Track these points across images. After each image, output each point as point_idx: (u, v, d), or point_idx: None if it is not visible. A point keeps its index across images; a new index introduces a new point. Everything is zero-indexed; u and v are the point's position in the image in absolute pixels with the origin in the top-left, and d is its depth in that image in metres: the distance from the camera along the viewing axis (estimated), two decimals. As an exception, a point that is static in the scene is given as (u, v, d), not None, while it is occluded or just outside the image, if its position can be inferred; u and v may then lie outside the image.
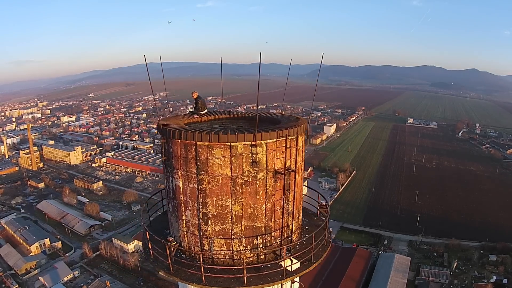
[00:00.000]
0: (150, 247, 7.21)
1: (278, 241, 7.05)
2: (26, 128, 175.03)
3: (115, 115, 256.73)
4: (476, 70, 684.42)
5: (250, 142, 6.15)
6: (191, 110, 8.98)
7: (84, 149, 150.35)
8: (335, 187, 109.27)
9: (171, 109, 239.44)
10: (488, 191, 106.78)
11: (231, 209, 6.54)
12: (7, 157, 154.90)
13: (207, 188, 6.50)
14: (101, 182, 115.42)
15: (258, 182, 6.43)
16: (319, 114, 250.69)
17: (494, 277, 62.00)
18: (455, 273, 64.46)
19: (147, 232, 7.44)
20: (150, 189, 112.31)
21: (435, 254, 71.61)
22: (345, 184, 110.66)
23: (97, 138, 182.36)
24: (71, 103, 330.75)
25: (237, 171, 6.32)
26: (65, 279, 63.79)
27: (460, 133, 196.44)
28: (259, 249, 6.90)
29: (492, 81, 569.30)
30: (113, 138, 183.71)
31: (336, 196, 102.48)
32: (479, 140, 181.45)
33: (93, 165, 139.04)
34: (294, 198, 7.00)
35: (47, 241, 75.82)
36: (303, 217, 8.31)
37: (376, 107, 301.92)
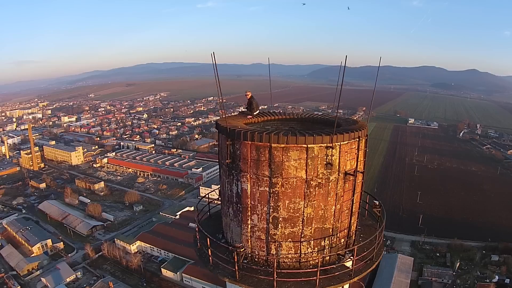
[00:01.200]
0: (210, 253, 7.06)
1: (342, 241, 7.11)
2: (27, 129, 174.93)
3: (116, 115, 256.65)
4: (476, 71, 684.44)
5: (326, 144, 6.11)
6: (243, 110, 8.78)
7: (85, 150, 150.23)
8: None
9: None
10: (489, 191, 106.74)
11: (303, 212, 6.47)
12: (8, 157, 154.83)
13: (279, 191, 6.35)
14: (102, 182, 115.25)
15: (330, 184, 6.43)
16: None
17: (497, 277, 62.22)
18: (457, 273, 64.52)
19: (207, 239, 7.17)
20: (151, 190, 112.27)
21: (438, 254, 71.70)
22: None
23: (98, 139, 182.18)
24: (71, 103, 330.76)
25: (312, 173, 6.25)
26: (68, 280, 63.64)
27: (461, 133, 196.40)
28: (325, 250, 6.88)
29: (493, 82, 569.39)
30: (114, 138, 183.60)
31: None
32: (480, 140, 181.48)
33: (94, 165, 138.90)
34: (359, 199, 7.19)
35: (49, 241, 75.62)
36: None
37: (377, 107, 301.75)
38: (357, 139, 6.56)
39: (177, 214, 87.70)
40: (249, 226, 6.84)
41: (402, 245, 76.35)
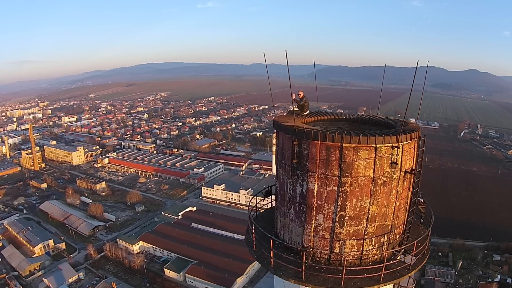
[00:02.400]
0: (272, 255, 7.05)
1: (397, 238, 7.34)
2: (27, 129, 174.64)
3: (116, 115, 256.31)
4: (476, 71, 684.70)
5: (391, 144, 6.31)
6: (295, 109, 8.65)
7: (86, 150, 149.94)
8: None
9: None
10: (490, 191, 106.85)
11: (368, 210, 6.62)
12: (8, 157, 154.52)
13: (348, 190, 6.47)
14: (104, 182, 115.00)
15: (393, 182, 6.63)
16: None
17: (499, 276, 62.49)
18: (460, 273, 64.71)
19: (271, 240, 7.14)
20: (153, 190, 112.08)
21: (440, 254, 71.78)
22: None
23: (99, 139, 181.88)
24: (72, 103, 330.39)
25: (378, 172, 6.43)
26: (70, 280, 63.42)
27: (462, 133, 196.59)
28: (384, 247, 7.04)
29: (493, 82, 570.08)
30: (115, 138, 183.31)
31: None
32: (480, 140, 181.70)
33: (95, 165, 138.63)
34: (415, 196, 7.45)
35: (51, 242, 75.36)
36: None
37: (377, 107, 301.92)
38: (416, 139, 6.87)
39: (179, 214, 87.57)
40: (313, 226, 6.89)
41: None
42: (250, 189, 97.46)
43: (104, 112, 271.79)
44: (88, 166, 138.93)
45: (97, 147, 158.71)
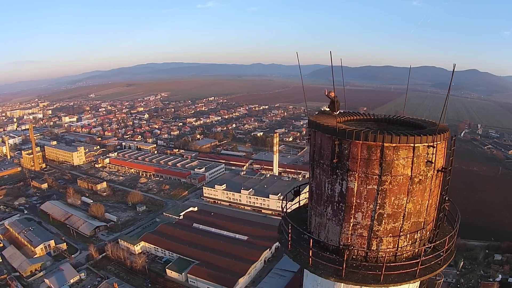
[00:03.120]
0: (310, 254, 7.24)
1: (428, 234, 7.59)
2: (28, 129, 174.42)
3: (117, 115, 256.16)
4: (476, 71, 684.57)
5: (428, 144, 6.61)
6: (326, 109, 8.76)
7: (87, 150, 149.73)
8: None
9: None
10: (491, 191, 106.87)
11: (405, 207, 6.86)
12: (9, 157, 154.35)
13: (387, 188, 6.67)
14: (105, 182, 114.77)
15: (427, 180, 6.90)
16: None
17: (500, 276, 62.63)
18: (461, 272, 64.78)
19: (311, 240, 7.33)
20: (154, 190, 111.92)
21: (441, 253, 71.88)
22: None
23: (100, 139, 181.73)
24: (72, 104, 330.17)
25: (415, 170, 6.68)
26: (72, 281, 63.16)
27: (462, 133, 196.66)
28: (416, 243, 7.32)
29: (493, 82, 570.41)
30: (116, 138, 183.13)
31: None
32: (481, 140, 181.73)
33: (96, 165, 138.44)
34: (445, 194, 7.78)
35: (52, 242, 75.09)
36: None
37: (378, 107, 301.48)
38: (448, 139, 7.21)
39: (180, 214, 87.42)
40: (351, 224, 7.05)
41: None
42: (251, 189, 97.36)
43: (104, 112, 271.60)
44: (89, 166, 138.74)
45: (98, 147, 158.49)
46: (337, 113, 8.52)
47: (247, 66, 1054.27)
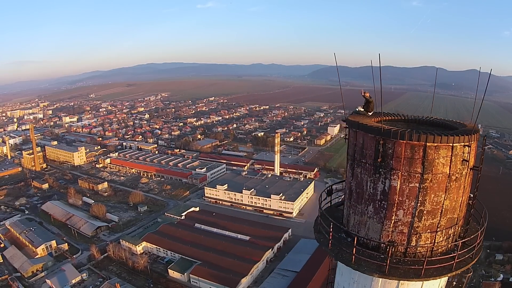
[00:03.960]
0: (354, 252, 7.49)
1: (458, 229, 7.92)
2: (28, 129, 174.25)
3: (117, 115, 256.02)
4: (476, 71, 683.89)
5: (464, 143, 6.93)
6: (360, 109, 8.93)
7: (87, 150, 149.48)
8: (341, 188, 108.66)
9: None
10: (492, 191, 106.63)
11: (443, 204, 7.20)
12: (9, 157, 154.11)
13: (428, 186, 6.98)
14: (106, 183, 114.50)
15: (462, 178, 7.21)
16: (321, 115, 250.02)
17: (501, 275, 62.81)
18: (463, 272, 64.72)
19: (355, 238, 7.58)
20: (155, 190, 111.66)
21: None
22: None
23: (100, 139, 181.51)
24: (72, 104, 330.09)
25: (453, 169, 7.01)
26: (73, 281, 62.93)
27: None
28: (450, 238, 7.68)
29: (493, 82, 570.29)
30: (117, 138, 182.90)
31: (343, 197, 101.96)
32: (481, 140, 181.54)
33: (97, 165, 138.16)
34: (477, 191, 8.14)
35: (53, 243, 74.86)
36: None
37: (378, 108, 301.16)
38: (484, 139, 7.85)
39: (182, 214, 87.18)
40: (393, 222, 7.31)
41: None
42: (253, 189, 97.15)
43: (105, 112, 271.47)
44: (90, 167, 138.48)
45: (99, 147, 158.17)
46: (371, 113, 8.75)
47: (247, 66, 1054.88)
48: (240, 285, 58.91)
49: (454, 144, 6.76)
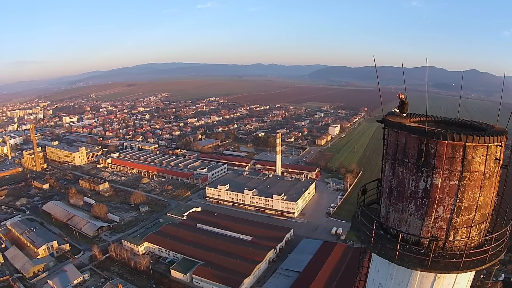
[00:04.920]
0: (398, 248, 7.88)
1: (488, 225, 8.37)
2: (28, 129, 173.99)
3: (117, 115, 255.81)
4: (476, 71, 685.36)
5: (497, 143, 7.42)
6: (395, 110, 9.40)
7: (88, 150, 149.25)
8: (342, 188, 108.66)
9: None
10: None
11: (477, 200, 7.66)
12: (10, 157, 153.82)
13: (466, 183, 7.44)
14: (107, 183, 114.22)
15: (494, 176, 7.71)
16: (322, 115, 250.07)
17: (503, 275, 62.72)
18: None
19: (400, 234, 7.98)
20: (157, 190, 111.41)
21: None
22: (352, 185, 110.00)
23: (101, 139, 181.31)
24: (72, 104, 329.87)
25: (487, 167, 7.49)
26: (75, 282, 62.67)
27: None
28: (481, 233, 8.17)
29: (493, 82, 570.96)
30: (117, 138, 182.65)
31: (344, 197, 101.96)
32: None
33: (98, 166, 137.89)
34: (505, 187, 8.61)
35: (54, 243, 74.56)
36: None
37: (378, 108, 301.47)
38: (508, 139, 8.13)
39: (184, 214, 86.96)
40: (433, 218, 7.77)
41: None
42: (254, 190, 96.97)
43: (105, 113, 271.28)
44: (91, 167, 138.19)
45: (99, 147, 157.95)
46: (405, 114, 9.15)
47: (247, 66, 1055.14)
48: (243, 285, 58.71)
49: (489, 144, 7.25)
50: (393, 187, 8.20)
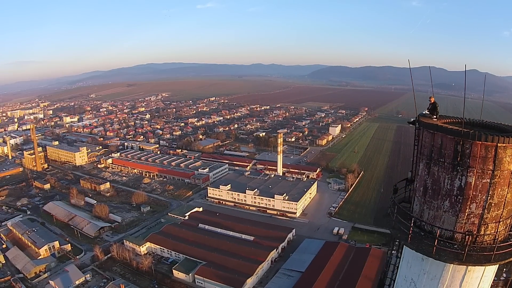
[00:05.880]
0: (436, 243, 8.39)
1: None
2: (29, 129, 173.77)
3: (118, 115, 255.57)
4: (476, 71, 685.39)
5: None
6: (427, 112, 10.00)
7: (89, 150, 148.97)
8: (344, 188, 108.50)
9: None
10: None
11: (506, 197, 8.21)
12: (10, 157, 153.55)
13: (497, 181, 8.00)
14: (108, 183, 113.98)
15: None
16: (322, 115, 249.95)
17: (504, 274, 62.96)
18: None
19: (438, 230, 8.48)
20: (158, 190, 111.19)
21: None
22: (353, 185, 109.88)
23: (102, 139, 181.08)
24: (72, 104, 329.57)
25: None
26: (77, 282, 62.47)
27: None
28: (507, 227, 8.71)
29: (493, 82, 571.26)
30: (118, 138, 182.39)
31: (345, 197, 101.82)
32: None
33: (98, 166, 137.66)
34: None
35: (56, 243, 74.38)
36: None
37: (379, 108, 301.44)
38: None
39: (186, 215, 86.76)
40: (466, 214, 8.28)
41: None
42: (256, 190, 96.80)
43: (105, 113, 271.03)
44: (91, 167, 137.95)
45: (100, 147, 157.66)
46: (436, 117, 9.69)
47: (247, 66, 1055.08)
48: (246, 285, 58.55)
49: None
50: (428, 185, 8.67)
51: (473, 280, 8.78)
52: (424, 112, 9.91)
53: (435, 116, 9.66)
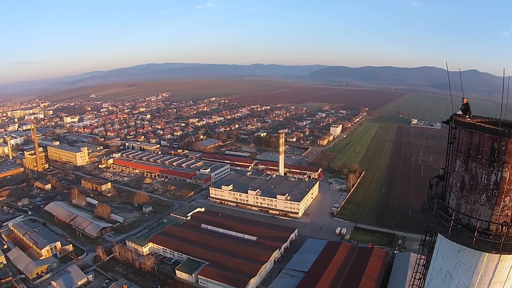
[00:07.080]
0: (476, 235, 8.94)
1: None
2: (29, 129, 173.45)
3: (118, 115, 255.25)
4: (476, 71, 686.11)
5: None
6: (459, 113, 10.59)
7: (90, 150, 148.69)
8: (345, 188, 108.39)
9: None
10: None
11: None
12: (11, 158, 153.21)
13: None
14: (109, 183, 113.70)
15: None
16: (323, 115, 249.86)
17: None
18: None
19: (477, 222, 9.03)
20: (160, 191, 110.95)
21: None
22: (355, 185, 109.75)
23: (102, 139, 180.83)
24: (73, 104, 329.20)
25: None
26: (79, 283, 62.22)
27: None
28: None
29: (493, 82, 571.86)
30: (119, 139, 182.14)
31: (347, 197, 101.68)
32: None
33: (99, 166, 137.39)
34: None
35: (58, 244, 74.05)
36: None
37: (380, 108, 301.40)
38: None
39: (188, 215, 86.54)
40: (501, 207, 8.85)
41: (414, 244, 75.57)
42: (258, 190, 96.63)
43: (106, 113, 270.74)
44: (92, 167, 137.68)
45: (101, 147, 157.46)
46: (469, 116, 10.30)
47: (247, 66, 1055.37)
48: (249, 286, 58.35)
49: None
50: (465, 181, 9.30)
51: (504, 269, 9.38)
52: (458, 113, 10.51)
53: (467, 116, 10.28)
